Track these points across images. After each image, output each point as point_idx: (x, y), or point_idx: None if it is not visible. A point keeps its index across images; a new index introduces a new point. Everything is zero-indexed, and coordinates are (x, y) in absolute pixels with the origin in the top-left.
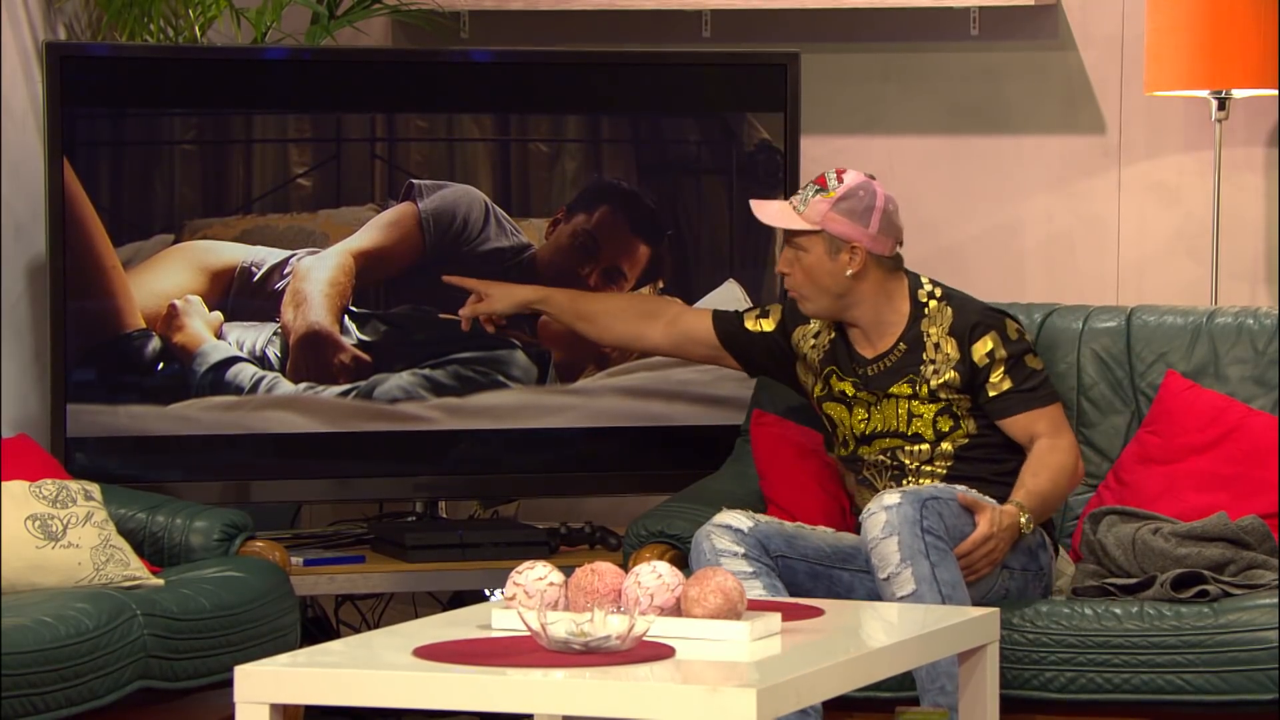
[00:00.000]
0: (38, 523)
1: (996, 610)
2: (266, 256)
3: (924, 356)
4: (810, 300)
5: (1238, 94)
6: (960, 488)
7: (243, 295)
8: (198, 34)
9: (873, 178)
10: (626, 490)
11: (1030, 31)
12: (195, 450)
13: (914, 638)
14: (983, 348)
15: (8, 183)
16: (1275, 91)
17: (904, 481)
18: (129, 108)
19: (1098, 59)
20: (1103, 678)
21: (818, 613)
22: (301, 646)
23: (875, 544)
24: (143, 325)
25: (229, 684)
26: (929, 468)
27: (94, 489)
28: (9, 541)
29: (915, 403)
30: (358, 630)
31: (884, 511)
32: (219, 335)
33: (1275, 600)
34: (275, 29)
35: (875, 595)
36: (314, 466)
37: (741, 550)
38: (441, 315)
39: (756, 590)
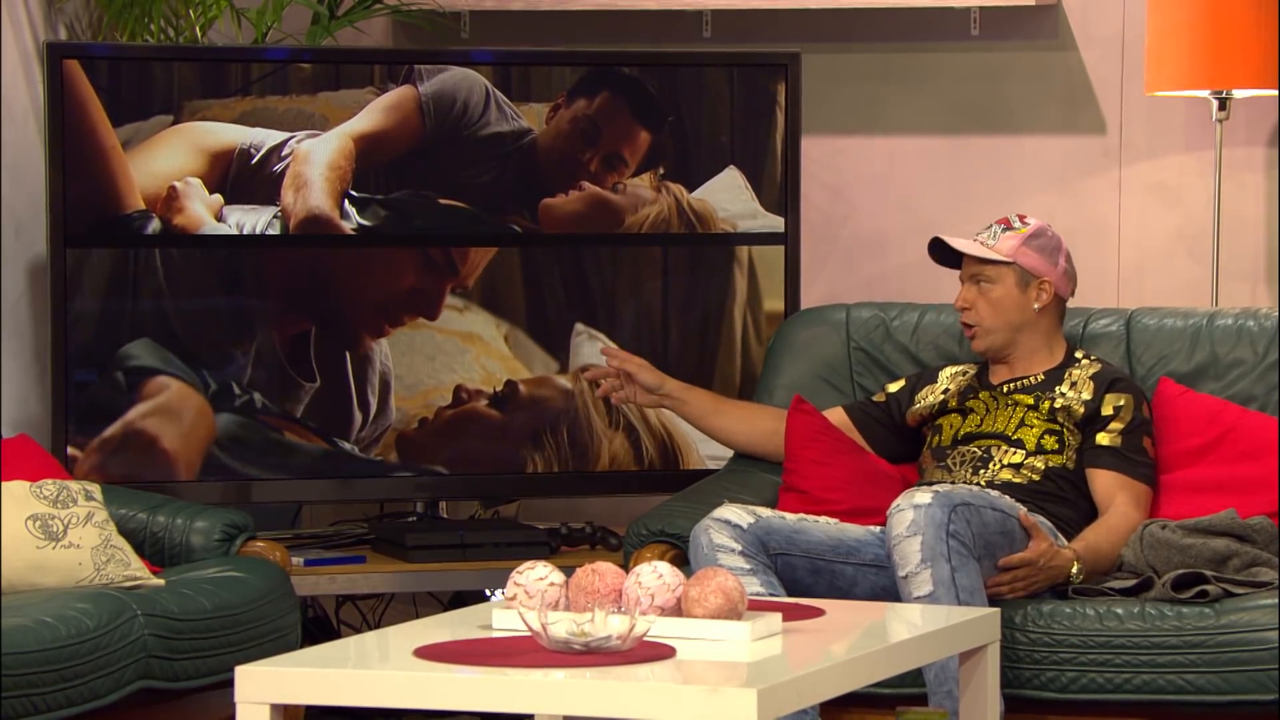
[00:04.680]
0: (38, 523)
1: (997, 610)
2: (265, 138)
3: (1058, 389)
4: (990, 334)
5: (1238, 94)
6: (1020, 506)
7: (242, 177)
8: (198, 34)
9: (1048, 225)
10: (626, 490)
11: (1030, 31)
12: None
13: (915, 638)
14: (1115, 400)
15: (8, 183)
16: (1276, 92)
17: (983, 471)
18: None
19: (1098, 59)
20: (1104, 678)
21: (818, 613)
22: (302, 647)
23: (898, 541)
24: (142, 206)
25: (230, 684)
26: (1010, 472)
27: (94, 489)
28: (9, 541)
29: (1031, 414)
30: (358, 630)
31: (911, 510)
32: (219, 218)
33: (1275, 601)
34: (276, 29)
35: (878, 590)
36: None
37: (739, 547)
38: (441, 200)
39: (753, 588)
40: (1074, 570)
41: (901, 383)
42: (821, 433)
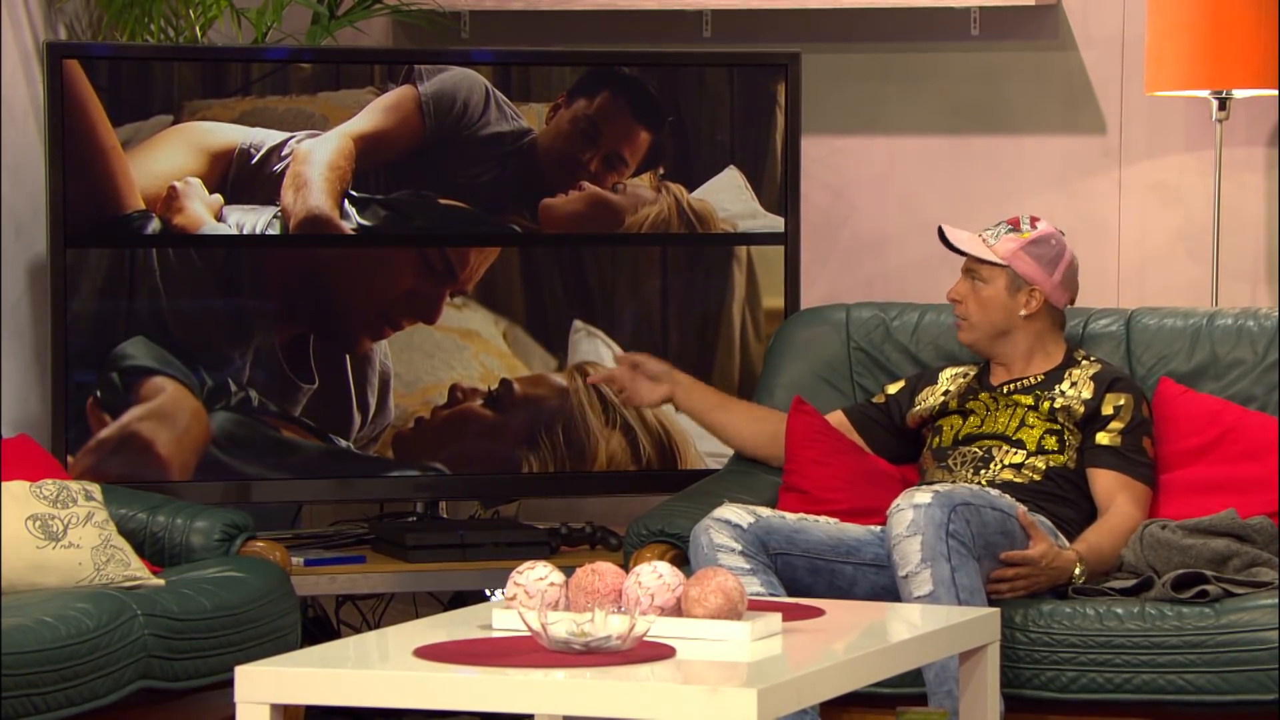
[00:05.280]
0: (38, 523)
1: (997, 610)
2: (265, 138)
3: (1058, 388)
4: (975, 329)
5: (1238, 94)
6: (1020, 505)
7: (241, 177)
8: (198, 34)
9: (1062, 233)
10: (625, 490)
11: (1030, 31)
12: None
13: (915, 638)
14: (1115, 400)
15: (8, 183)
16: (1276, 91)
17: (984, 471)
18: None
19: (1098, 59)
20: (1104, 677)
21: (819, 613)
22: (302, 646)
23: (898, 541)
24: (142, 206)
25: (230, 684)
26: (1011, 472)
27: (94, 489)
28: (9, 541)
29: (1032, 414)
30: (358, 630)
31: (911, 510)
32: (219, 218)
33: (1276, 600)
34: (276, 29)
35: (878, 590)
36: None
37: (739, 547)
38: (441, 200)
39: (753, 588)
40: (1077, 572)
41: (901, 384)
42: (821, 433)
